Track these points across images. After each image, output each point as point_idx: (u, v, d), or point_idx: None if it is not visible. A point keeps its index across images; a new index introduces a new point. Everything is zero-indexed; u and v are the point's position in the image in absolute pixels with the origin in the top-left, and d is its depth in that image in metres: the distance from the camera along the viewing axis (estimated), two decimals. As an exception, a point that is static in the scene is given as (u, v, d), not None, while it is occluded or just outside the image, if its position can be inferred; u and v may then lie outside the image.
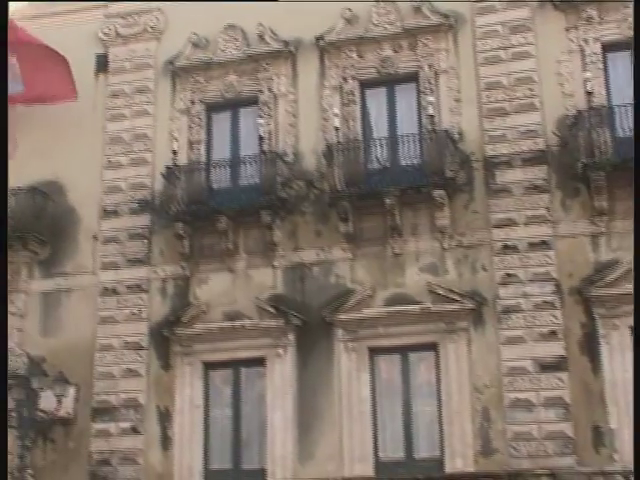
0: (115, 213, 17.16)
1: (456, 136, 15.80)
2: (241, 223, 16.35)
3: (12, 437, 15.73)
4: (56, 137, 17.71)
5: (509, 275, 14.96)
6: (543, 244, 14.91)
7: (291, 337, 15.61)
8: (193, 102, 17.44)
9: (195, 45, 17.60)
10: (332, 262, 15.92)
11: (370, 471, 14.79)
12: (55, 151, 17.69)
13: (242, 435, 15.68)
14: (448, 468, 14.52)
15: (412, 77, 16.54)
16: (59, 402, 15.40)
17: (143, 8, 18.14)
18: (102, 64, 18.16)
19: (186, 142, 17.15)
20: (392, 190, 15.38)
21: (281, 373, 15.49)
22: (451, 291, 15.09)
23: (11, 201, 17.18)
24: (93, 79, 18.12)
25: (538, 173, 15.27)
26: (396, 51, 16.64)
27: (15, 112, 17.56)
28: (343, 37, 16.84)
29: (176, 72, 17.60)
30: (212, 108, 17.47)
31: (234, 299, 16.17)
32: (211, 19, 17.47)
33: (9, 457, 15.85)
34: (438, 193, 15.25)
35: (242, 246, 16.41)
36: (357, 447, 14.85)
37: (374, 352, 15.34)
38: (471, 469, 14.37)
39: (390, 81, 16.71)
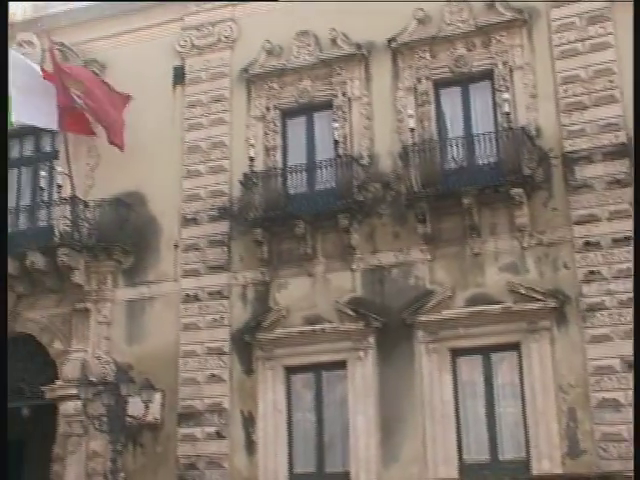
0: (195, 221, 17.44)
1: (533, 133, 15.54)
2: (319, 227, 16.43)
3: (104, 442, 16.23)
4: (137, 149, 18.07)
5: (592, 272, 14.62)
6: (626, 240, 14.52)
7: (371, 340, 15.60)
8: (268, 109, 17.61)
9: (269, 52, 17.78)
10: (411, 264, 15.85)
11: (455, 473, 14.64)
12: (136, 163, 18.06)
13: (325, 438, 15.72)
14: (535, 470, 14.26)
15: (486, 75, 16.32)
16: (146, 408, 15.69)
17: (217, 19, 18.40)
18: (179, 76, 18.49)
19: (262, 148, 17.33)
20: (469, 190, 15.21)
21: (362, 376, 15.49)
22: (533, 290, 14.84)
23: (96, 213, 17.76)
24: (171, 91, 18.46)
25: (620, 167, 14.88)
26: (469, 49, 16.46)
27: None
28: (416, 38, 16.76)
29: (251, 80, 17.80)
30: (287, 114, 17.62)
31: (314, 303, 16.26)
32: (283, 26, 17.62)
33: (102, 460, 16.41)
34: (516, 191, 15.02)
35: (320, 250, 16.49)
36: (441, 449, 14.72)
37: (455, 353, 15.20)
38: (559, 471, 14.08)
39: (464, 80, 16.54)
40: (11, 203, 18.83)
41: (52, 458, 17.04)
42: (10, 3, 17.61)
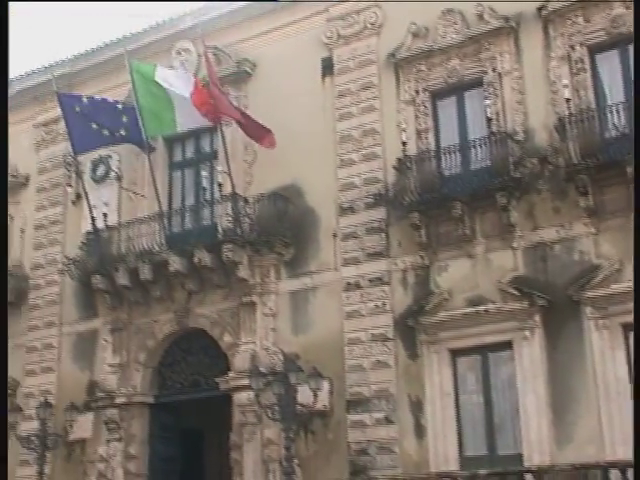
0: (351, 209, 17.56)
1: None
2: (476, 207, 16.14)
3: (277, 430, 16.67)
4: (291, 143, 18.41)
5: None
6: None
7: (537, 318, 15.16)
8: (417, 92, 17.45)
9: (415, 35, 17.63)
10: (574, 238, 15.28)
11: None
12: (291, 157, 18.39)
13: (495, 421, 15.45)
14: None
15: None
16: (315, 396, 15.93)
17: (361, 6, 18.44)
18: (328, 67, 18.65)
19: (414, 132, 17.20)
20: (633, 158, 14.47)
21: (530, 356, 15.09)
22: None
23: (255, 208, 18.22)
24: (320, 82, 18.67)
25: None
26: (628, 7, 15.60)
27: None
28: (567, 2, 16.09)
29: (398, 64, 17.70)
30: (437, 95, 17.41)
31: (475, 284, 15.99)
32: (428, 7, 17.41)
33: (276, 448, 16.84)
34: (685, 154, 14.14)
35: (479, 230, 16.20)
36: (617, 429, 14.09)
37: (628, 329, 14.50)
38: None
39: (623, 42, 15.70)
40: (176, 204, 19.79)
41: (230, 446, 17.67)
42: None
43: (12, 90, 22.76)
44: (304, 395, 15.91)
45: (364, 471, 16.00)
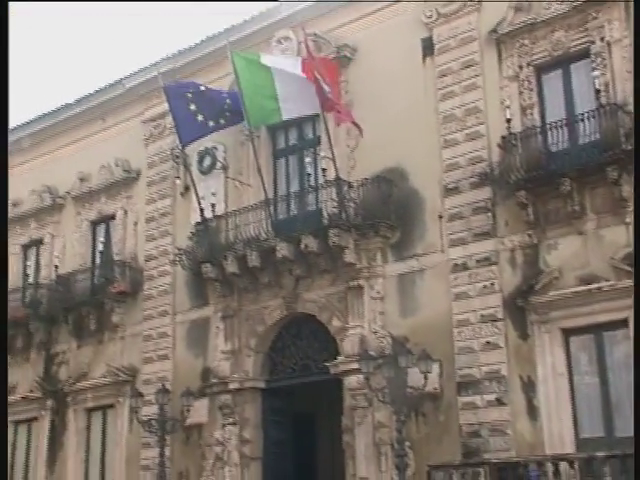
0: (457, 190, 17.34)
1: None
2: (585, 183, 15.68)
3: (388, 413, 16.70)
4: (394, 125, 18.34)
5: None
6: None
7: (654, 294, 14.62)
8: (521, 67, 17.05)
9: (517, 9, 17.21)
10: (692, 211, 14.65)
11: None
12: (394, 139, 18.31)
13: (612, 401, 15.00)
14: None
15: None
16: (425, 378, 15.87)
17: (460, -16, 18.15)
18: (428, 47, 18.44)
19: (518, 109, 16.82)
20: None
21: (646, 333, 14.56)
22: None
23: (360, 192, 18.22)
24: (421, 63, 18.48)
25: None
26: None
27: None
28: (677, -35, 15.41)
29: (500, 40, 17.33)
30: (541, 69, 16.96)
31: (587, 262, 15.54)
32: (530, -21, 16.99)
33: (387, 431, 16.87)
34: None
35: (589, 206, 15.73)
36: None
37: None
38: None
39: None
40: (281, 191, 20.01)
41: (342, 429, 17.78)
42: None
43: (122, 89, 23.58)
44: (414, 378, 15.88)
45: (477, 453, 15.84)
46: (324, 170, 18.49)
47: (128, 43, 59.13)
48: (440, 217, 17.54)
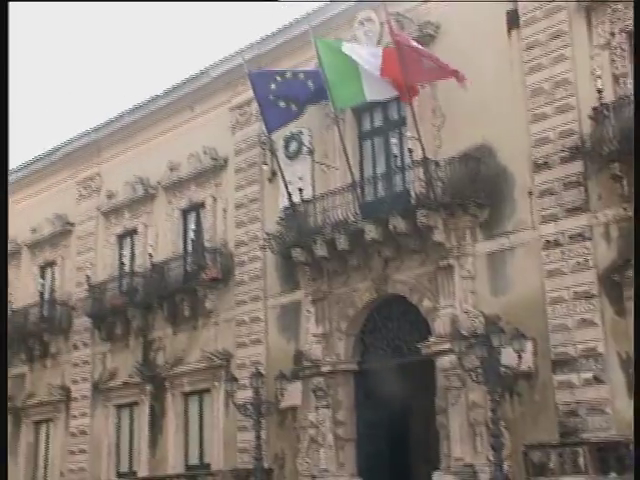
0: (546, 165, 16.94)
1: None
2: (683, 152, 15.09)
3: (482, 392, 16.53)
4: (479, 102, 18.02)
5: None
6: None
7: None
8: (613, 34, 16.48)
9: (607, -27, 16.68)
10: None
11: None
12: (480, 115, 18.02)
13: None
14: None
15: None
16: (519, 357, 15.62)
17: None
18: (513, 19, 18.04)
19: (610, 78, 16.30)
20: None
21: None
22: None
23: (447, 171, 18.02)
24: (506, 37, 18.10)
25: None
26: None
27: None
28: None
29: (590, 7, 16.80)
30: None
31: (686, 234, 14.98)
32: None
33: (482, 411, 16.70)
34: None
35: (687, 176, 15.15)
36: None
37: None
38: None
39: None
40: (368, 173, 19.95)
41: (435, 410, 17.69)
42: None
43: (208, 78, 23.91)
44: (507, 357, 15.64)
45: (575, 433, 15.53)
46: (410, 150, 18.34)
47: (213, 32, 59.90)
48: (530, 193, 17.19)
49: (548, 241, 16.67)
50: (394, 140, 19.15)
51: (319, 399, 19.59)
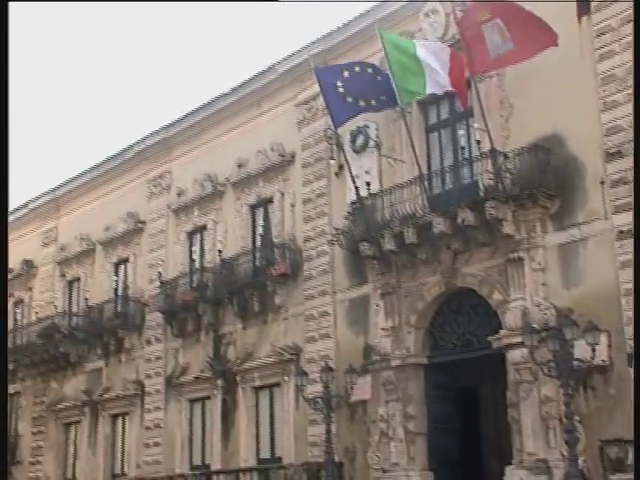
0: (619, 154, 16.51)
1: None
2: None
3: (554, 386, 16.28)
4: (549, 91, 17.75)
5: None
6: None
7: None
8: (686, 18, 16.05)
9: (680, -44, 16.20)
10: None
11: None
12: (550, 105, 17.71)
13: None
14: None
15: None
16: (593, 350, 15.31)
17: None
18: (584, 6, 17.64)
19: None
20: None
21: None
22: None
23: (515, 162, 17.76)
24: (576, 24, 17.73)
25: None
26: None
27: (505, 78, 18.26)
28: None
29: (664, -11, 16.37)
30: None
31: None
32: None
33: (555, 405, 16.44)
34: None
35: None
36: None
37: None
38: None
39: None
40: (435, 165, 19.81)
41: (507, 404, 17.48)
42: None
43: (275, 74, 24.04)
44: (581, 350, 15.35)
45: (653, 428, 15.15)
46: (478, 142, 18.14)
47: (279, 28, 60.23)
48: (602, 183, 16.83)
49: (622, 231, 16.28)
50: (461, 132, 18.97)
51: (389, 393, 19.56)
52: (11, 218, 34.38)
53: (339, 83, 19.54)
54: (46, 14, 66.74)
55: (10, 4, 18.72)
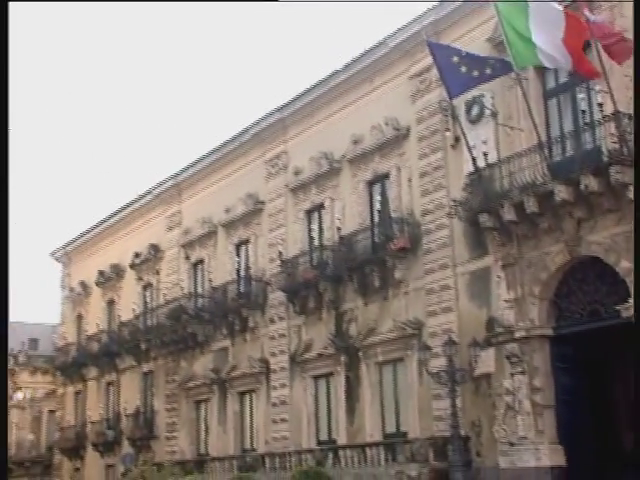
0: None
1: None
2: None
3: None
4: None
5: None
6: None
7: None
8: None
9: None
10: None
11: None
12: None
13: None
14: None
15: None
16: None
17: None
18: None
19: None
20: None
21: None
22: None
23: (641, 123, 17.00)
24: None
25: None
26: None
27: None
28: None
29: None
30: None
31: None
32: None
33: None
34: None
35: None
36: None
37: None
38: None
39: None
40: (554, 132, 19.23)
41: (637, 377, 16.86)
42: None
43: (386, 48, 23.82)
44: None
45: None
46: (600, 105, 17.46)
47: (391, 2, 59.66)
48: None
49: None
50: (582, 95, 18.30)
51: (514, 365, 19.22)
52: (137, 205, 35.76)
53: (451, 54, 19.20)
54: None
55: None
